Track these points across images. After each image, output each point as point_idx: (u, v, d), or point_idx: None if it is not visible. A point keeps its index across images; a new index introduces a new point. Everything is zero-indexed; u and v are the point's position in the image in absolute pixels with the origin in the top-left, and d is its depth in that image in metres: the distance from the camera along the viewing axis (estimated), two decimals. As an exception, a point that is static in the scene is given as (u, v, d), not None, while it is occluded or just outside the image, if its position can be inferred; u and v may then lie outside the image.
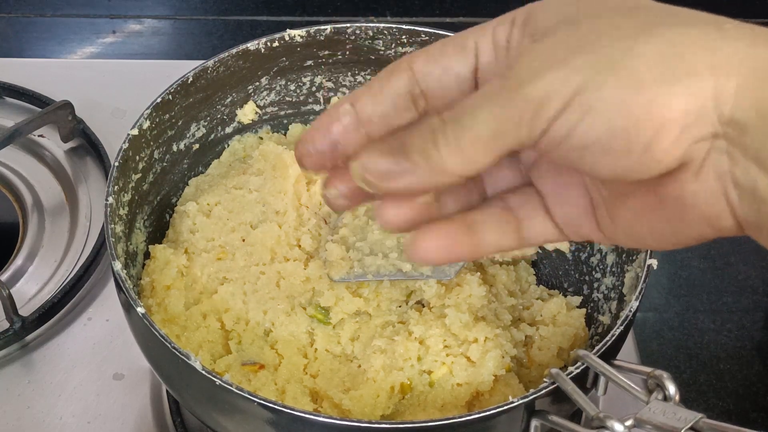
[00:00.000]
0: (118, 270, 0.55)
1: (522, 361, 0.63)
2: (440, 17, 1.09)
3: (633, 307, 0.55)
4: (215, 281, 0.64)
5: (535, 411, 0.51)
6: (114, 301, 0.61)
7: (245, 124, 0.74)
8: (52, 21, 1.10)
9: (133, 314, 0.54)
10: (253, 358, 0.61)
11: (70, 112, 0.86)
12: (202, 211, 0.68)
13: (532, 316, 0.65)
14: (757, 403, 0.78)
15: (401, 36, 0.71)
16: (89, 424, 0.69)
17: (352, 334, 0.62)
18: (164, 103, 0.65)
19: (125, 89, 0.93)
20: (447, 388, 0.59)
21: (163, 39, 1.09)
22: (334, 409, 0.59)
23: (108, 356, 0.73)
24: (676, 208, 0.37)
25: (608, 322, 0.62)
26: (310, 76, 0.74)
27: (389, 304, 0.63)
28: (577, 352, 0.51)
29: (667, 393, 0.47)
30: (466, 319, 0.61)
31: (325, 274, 0.63)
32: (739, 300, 0.85)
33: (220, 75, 0.69)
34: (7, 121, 0.88)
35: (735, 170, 0.35)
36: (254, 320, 0.62)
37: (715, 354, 0.81)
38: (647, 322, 0.83)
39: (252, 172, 0.70)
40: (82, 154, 0.88)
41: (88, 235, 0.81)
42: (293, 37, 0.70)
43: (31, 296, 0.76)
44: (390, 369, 0.59)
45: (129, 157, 0.63)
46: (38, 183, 0.85)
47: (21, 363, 0.73)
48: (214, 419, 0.54)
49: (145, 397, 0.71)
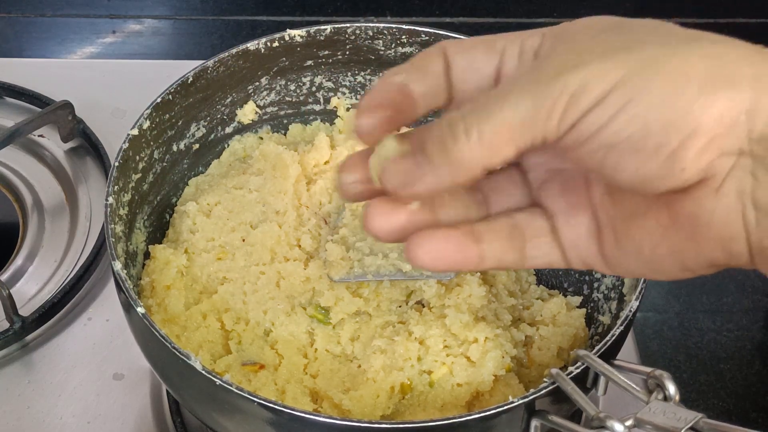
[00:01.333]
0: (118, 270, 0.55)
1: (522, 361, 0.63)
2: (440, 17, 1.09)
3: (633, 307, 0.55)
4: (215, 281, 0.64)
5: (535, 411, 0.51)
6: (114, 301, 0.61)
7: (245, 124, 0.74)
8: (52, 21, 1.10)
9: (133, 314, 0.54)
10: (253, 358, 0.61)
11: (70, 112, 0.86)
12: (202, 211, 0.68)
13: (532, 316, 0.65)
14: (757, 403, 0.78)
15: (401, 36, 0.71)
16: (89, 424, 0.69)
17: (352, 334, 0.62)
18: (164, 103, 0.65)
19: (125, 89, 0.93)
20: (447, 388, 0.59)
21: (163, 39, 1.09)
22: (334, 409, 0.59)
23: (108, 356, 0.73)
24: (689, 228, 0.36)
25: (608, 322, 0.62)
26: (310, 76, 0.74)
27: (389, 304, 0.63)
28: (577, 352, 0.51)
29: (667, 393, 0.47)
30: (466, 319, 0.61)
31: (325, 274, 0.63)
32: (739, 300, 0.85)
33: (220, 75, 0.69)
34: (7, 121, 0.88)
35: (757, 191, 0.34)
36: (254, 320, 0.62)
37: (715, 354, 0.81)
38: (647, 322, 0.83)
39: (252, 172, 0.70)
40: (82, 154, 0.88)
41: (88, 235, 0.81)
42: (293, 37, 0.70)
43: (31, 296, 0.76)
44: (390, 369, 0.59)
45: (129, 157, 0.63)
46: (38, 183, 0.85)
47: (21, 363, 0.73)
48: (214, 419, 0.54)
49: (145, 397, 0.71)
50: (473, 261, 0.40)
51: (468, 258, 0.40)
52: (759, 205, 0.34)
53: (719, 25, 1.08)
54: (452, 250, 0.40)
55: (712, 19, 1.07)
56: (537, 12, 1.10)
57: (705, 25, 1.16)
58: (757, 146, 0.34)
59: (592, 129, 0.34)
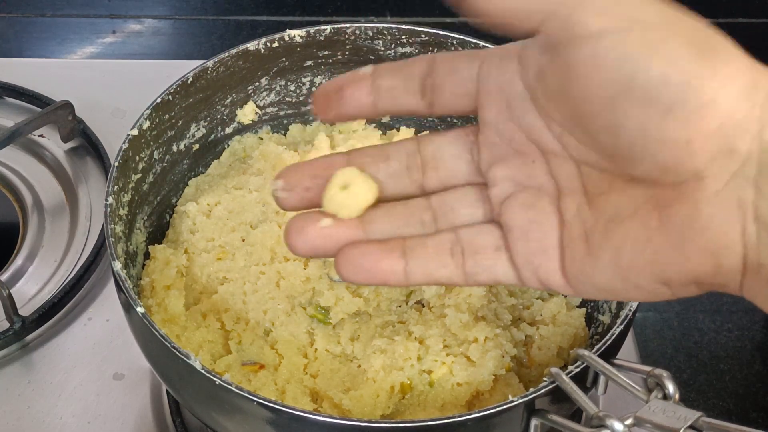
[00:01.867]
0: (118, 270, 0.55)
1: (522, 360, 0.63)
2: (440, 17, 1.09)
3: (633, 306, 0.55)
4: (215, 281, 0.65)
5: (535, 410, 0.51)
6: (114, 301, 0.61)
7: (245, 124, 0.74)
8: (52, 21, 1.10)
9: (133, 314, 0.54)
10: (253, 358, 0.61)
11: (70, 112, 0.86)
12: (202, 211, 0.68)
13: (532, 316, 0.65)
14: (757, 403, 0.78)
15: (401, 36, 0.71)
16: (89, 424, 0.69)
17: (352, 334, 0.62)
18: (164, 103, 0.65)
19: (125, 89, 0.93)
20: (447, 387, 0.59)
21: (163, 39, 1.09)
22: (334, 409, 0.59)
23: (108, 356, 0.73)
24: (679, 233, 0.33)
25: (608, 322, 0.62)
26: (309, 76, 0.74)
27: (389, 304, 0.63)
28: (577, 352, 0.51)
29: (666, 392, 0.47)
30: (466, 319, 0.61)
31: (325, 274, 0.63)
32: (739, 300, 0.84)
33: (220, 75, 0.69)
34: (7, 121, 0.88)
35: (760, 203, 0.32)
36: (254, 320, 0.62)
37: (715, 354, 0.81)
38: (647, 322, 0.83)
39: (252, 173, 0.70)
40: (82, 154, 0.88)
41: (88, 235, 0.81)
42: (293, 37, 0.70)
43: (31, 296, 0.76)
44: (390, 369, 0.59)
45: (129, 158, 0.63)
46: (38, 183, 0.85)
47: (21, 363, 0.73)
48: (214, 419, 0.54)
49: (145, 397, 0.71)
50: (396, 276, 0.39)
51: (389, 272, 0.39)
52: (760, 218, 0.32)
53: (719, 25, 1.07)
54: (370, 264, 0.39)
55: (712, 19, 1.07)
56: (537, 12, 1.10)
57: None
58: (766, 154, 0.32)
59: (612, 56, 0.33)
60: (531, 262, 0.38)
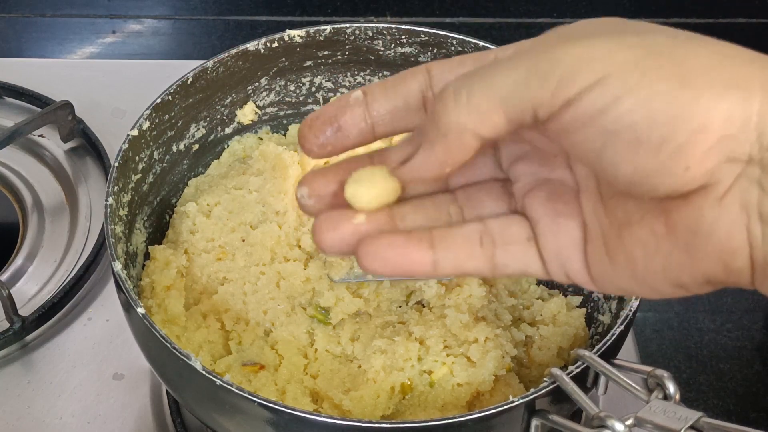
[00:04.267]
0: (118, 270, 0.55)
1: (522, 361, 0.63)
2: (440, 17, 1.09)
3: (633, 306, 0.55)
4: (215, 281, 0.65)
5: (535, 410, 0.51)
6: (114, 301, 0.61)
7: (245, 124, 0.74)
8: (52, 21, 1.10)
9: (133, 314, 0.54)
10: (254, 358, 0.61)
11: (70, 112, 0.86)
12: (202, 211, 0.68)
13: (533, 316, 0.65)
14: (757, 403, 0.78)
15: (401, 36, 0.71)
16: (89, 424, 0.69)
17: (352, 334, 0.62)
18: (164, 103, 0.65)
19: (125, 89, 0.93)
20: (447, 388, 0.59)
21: (163, 39, 1.09)
22: (334, 410, 0.59)
23: (108, 356, 0.73)
24: (687, 239, 0.33)
25: (608, 322, 0.62)
26: (309, 76, 0.74)
27: (389, 305, 0.63)
28: (578, 352, 0.51)
29: (667, 392, 0.47)
30: (466, 320, 0.61)
31: (325, 274, 0.63)
32: (739, 300, 0.85)
33: (219, 75, 0.69)
34: (7, 121, 0.88)
35: (765, 203, 0.32)
36: (254, 320, 0.62)
37: (715, 354, 0.81)
38: (647, 322, 0.83)
39: (252, 173, 0.70)
40: (82, 154, 0.88)
41: (88, 235, 0.81)
42: (293, 37, 0.70)
43: (31, 296, 0.76)
44: (390, 369, 0.59)
45: (129, 158, 0.63)
46: (38, 183, 0.85)
47: (21, 363, 0.73)
48: (214, 419, 0.54)
49: (145, 397, 0.71)
50: (424, 267, 0.38)
51: (416, 263, 0.38)
52: (766, 218, 0.32)
53: (719, 25, 1.08)
54: (396, 255, 0.38)
55: (712, 19, 1.07)
56: (537, 12, 1.10)
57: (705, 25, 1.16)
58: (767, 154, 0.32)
59: (591, 111, 0.32)
60: (558, 257, 0.38)
